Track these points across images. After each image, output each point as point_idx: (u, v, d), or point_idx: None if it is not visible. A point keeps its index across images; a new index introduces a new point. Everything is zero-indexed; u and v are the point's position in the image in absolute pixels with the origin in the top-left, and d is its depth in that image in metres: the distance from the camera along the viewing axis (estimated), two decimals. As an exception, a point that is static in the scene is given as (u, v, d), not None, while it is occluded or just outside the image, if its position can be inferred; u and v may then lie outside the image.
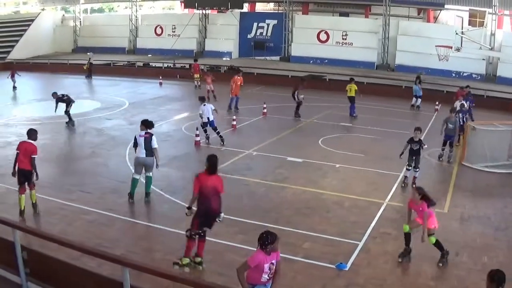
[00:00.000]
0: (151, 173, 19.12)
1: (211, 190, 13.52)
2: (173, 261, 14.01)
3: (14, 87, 47.55)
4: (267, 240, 9.93)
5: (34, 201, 17.91)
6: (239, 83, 37.68)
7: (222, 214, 13.90)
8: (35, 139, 18.01)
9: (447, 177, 23.04)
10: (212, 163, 13.57)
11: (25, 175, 17.42)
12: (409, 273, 14.24)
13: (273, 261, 10.22)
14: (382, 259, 14.95)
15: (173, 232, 16.54)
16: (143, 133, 18.71)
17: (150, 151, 18.60)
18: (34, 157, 17.51)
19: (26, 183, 17.56)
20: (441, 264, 14.59)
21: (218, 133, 27.20)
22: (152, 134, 18.84)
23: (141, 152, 18.61)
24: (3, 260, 12.48)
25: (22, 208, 17.55)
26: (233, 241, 15.96)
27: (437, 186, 21.61)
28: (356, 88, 35.88)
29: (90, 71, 55.79)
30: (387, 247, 15.73)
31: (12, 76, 47.82)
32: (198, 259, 14.04)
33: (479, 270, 14.24)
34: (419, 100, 40.47)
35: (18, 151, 17.67)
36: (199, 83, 47.20)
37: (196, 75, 48.14)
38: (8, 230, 12.19)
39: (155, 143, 18.67)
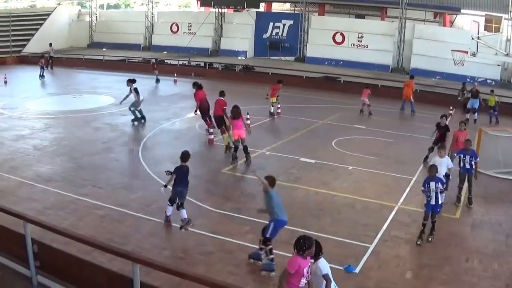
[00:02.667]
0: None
1: None
2: None
3: (42, 75, 49.89)
4: (304, 245, 9.95)
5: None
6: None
7: None
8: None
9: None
10: None
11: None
12: (420, 277, 14.15)
13: (309, 265, 10.25)
14: (393, 262, 14.88)
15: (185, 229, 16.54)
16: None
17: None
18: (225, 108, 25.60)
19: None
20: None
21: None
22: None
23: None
24: (13, 253, 12.53)
25: (226, 144, 25.55)
26: (244, 240, 15.97)
27: (448, 192, 21.45)
28: (496, 99, 38.06)
29: (50, 63, 57.59)
30: (398, 251, 15.67)
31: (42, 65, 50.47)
32: None
33: (490, 277, 14.19)
34: (476, 114, 37.61)
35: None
36: (273, 110, 36.67)
37: (273, 99, 36.17)
38: (19, 223, 12.22)
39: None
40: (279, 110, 35.33)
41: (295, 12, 69.83)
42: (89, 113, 33.14)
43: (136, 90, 30.69)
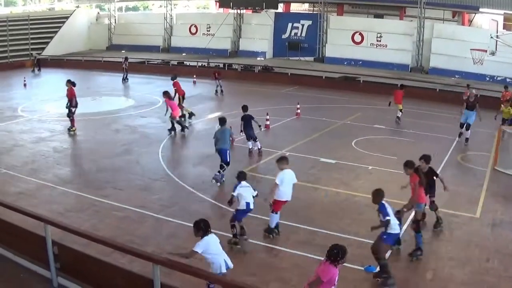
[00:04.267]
0: None
1: None
2: None
3: (125, 79, 51.00)
4: (338, 256, 10.03)
5: None
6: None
7: None
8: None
9: (480, 182, 22.71)
10: None
11: None
12: (440, 277, 14.05)
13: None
14: (413, 263, 14.81)
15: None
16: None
17: None
18: None
19: None
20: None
21: None
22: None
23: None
24: (34, 255, 12.58)
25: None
26: (263, 241, 15.98)
27: (469, 191, 21.35)
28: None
29: (38, 65, 59.22)
30: (419, 251, 15.58)
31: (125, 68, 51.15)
32: None
33: (510, 277, 14.10)
34: (469, 131, 29.86)
35: None
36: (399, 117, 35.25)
37: (400, 105, 34.94)
38: (40, 225, 12.26)
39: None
40: (299, 111, 35.18)
41: (314, 12, 69.88)
42: (109, 115, 33.28)
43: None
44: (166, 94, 29.33)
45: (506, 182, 23.04)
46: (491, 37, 40.29)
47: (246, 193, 15.45)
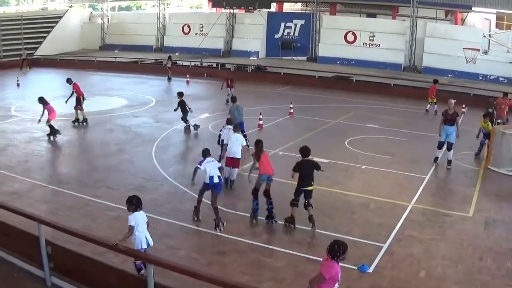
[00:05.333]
0: None
1: None
2: None
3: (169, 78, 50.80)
4: (339, 251, 9.94)
5: None
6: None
7: None
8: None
9: (473, 181, 22.76)
10: None
11: None
12: (434, 276, 14.08)
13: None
14: (406, 262, 14.83)
15: (198, 230, 16.60)
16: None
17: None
18: None
19: None
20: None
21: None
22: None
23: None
24: (27, 254, 12.59)
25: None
26: (257, 240, 16.00)
27: (462, 190, 21.42)
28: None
29: (28, 65, 59.78)
30: (412, 250, 15.62)
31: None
32: None
33: (503, 276, 14.12)
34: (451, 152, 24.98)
35: None
36: (429, 108, 37.34)
37: (432, 99, 37.04)
38: (33, 224, 12.27)
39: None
40: (292, 110, 35.21)
41: (307, 12, 69.93)
42: (102, 115, 33.28)
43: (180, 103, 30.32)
44: (41, 100, 28.08)
45: (499, 181, 23.10)
46: (484, 36, 40.33)
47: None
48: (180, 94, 30.39)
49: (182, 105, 30.23)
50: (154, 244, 15.00)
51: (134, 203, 12.40)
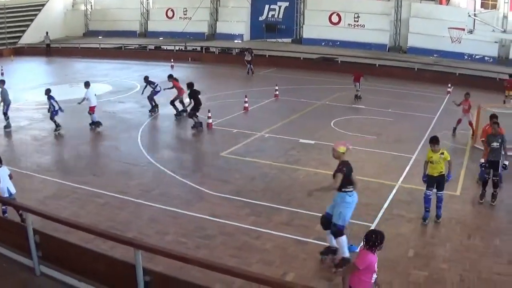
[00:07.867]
0: None
1: None
2: None
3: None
4: (377, 241, 9.65)
5: None
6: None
7: None
8: None
9: (460, 160, 22.82)
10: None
11: None
12: (422, 255, 14.11)
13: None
14: (394, 241, 14.82)
15: (186, 214, 16.56)
16: None
17: None
18: None
19: None
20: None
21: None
22: None
23: None
24: (15, 244, 12.52)
25: None
26: (245, 222, 15.97)
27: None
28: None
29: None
30: (400, 229, 15.67)
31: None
32: None
33: (492, 253, 14.16)
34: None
35: None
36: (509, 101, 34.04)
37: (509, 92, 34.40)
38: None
39: None
40: (277, 92, 35.14)
41: (291, -7, 69.65)
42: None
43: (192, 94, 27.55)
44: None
45: (485, 159, 23.19)
46: (469, 16, 40.40)
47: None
48: (190, 85, 27.75)
49: (194, 95, 27.44)
50: (142, 230, 15.04)
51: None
